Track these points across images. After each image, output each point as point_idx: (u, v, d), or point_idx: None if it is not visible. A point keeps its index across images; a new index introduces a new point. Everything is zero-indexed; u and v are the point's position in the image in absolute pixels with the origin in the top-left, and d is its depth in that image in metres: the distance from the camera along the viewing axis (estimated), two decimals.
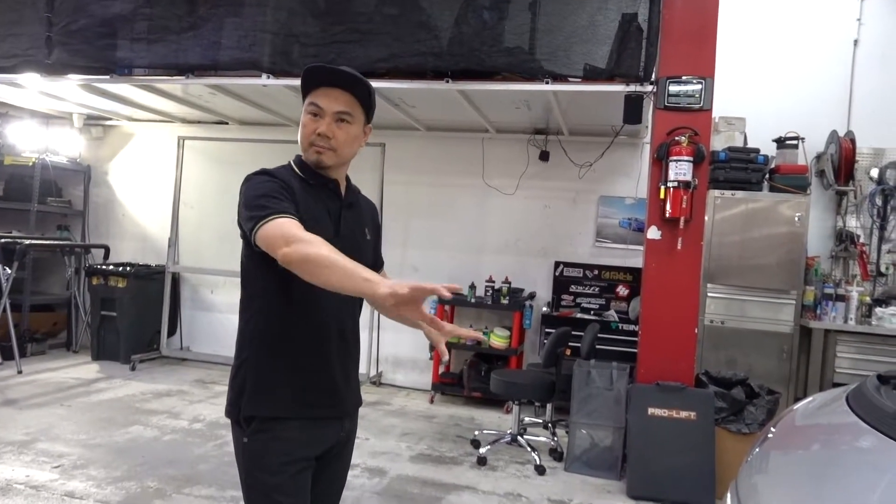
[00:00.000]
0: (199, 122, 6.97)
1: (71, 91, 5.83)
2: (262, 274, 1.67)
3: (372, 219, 1.98)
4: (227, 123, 6.92)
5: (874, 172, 5.41)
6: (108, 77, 5.22)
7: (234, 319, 1.80)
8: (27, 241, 6.32)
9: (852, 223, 5.53)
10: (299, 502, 1.72)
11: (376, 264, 1.97)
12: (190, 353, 6.96)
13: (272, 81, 4.83)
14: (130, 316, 6.53)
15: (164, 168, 7.06)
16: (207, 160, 6.95)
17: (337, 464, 1.85)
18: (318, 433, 1.75)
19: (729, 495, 1.80)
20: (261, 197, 1.60)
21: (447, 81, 4.52)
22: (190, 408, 5.18)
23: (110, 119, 7.20)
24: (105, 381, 5.84)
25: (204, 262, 6.76)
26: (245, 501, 1.74)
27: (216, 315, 6.94)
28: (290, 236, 1.48)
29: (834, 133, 5.42)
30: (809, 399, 2.16)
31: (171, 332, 6.94)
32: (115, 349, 6.56)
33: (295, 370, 1.70)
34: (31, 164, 6.73)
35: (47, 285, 7.31)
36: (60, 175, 7.19)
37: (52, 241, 7.10)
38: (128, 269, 6.62)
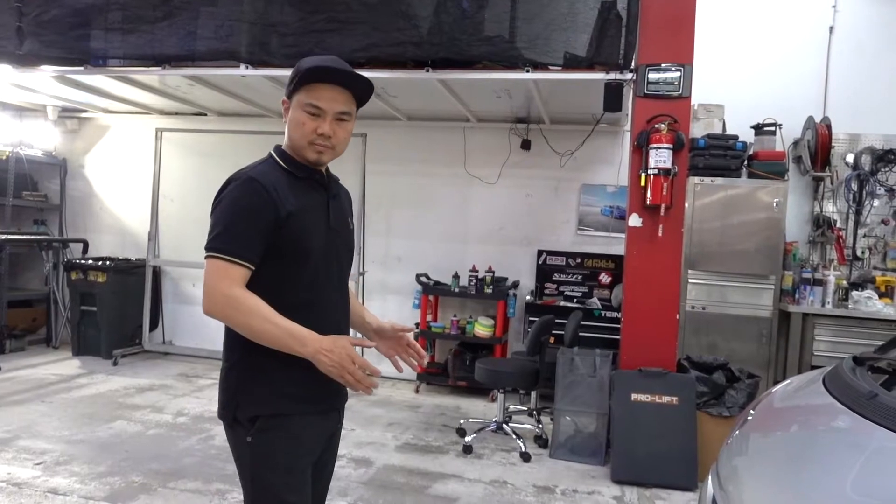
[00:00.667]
0: (177, 113, 6.88)
1: (44, 83, 5.71)
2: (256, 271, 1.64)
3: (351, 208, 1.99)
4: (205, 115, 6.83)
5: (850, 158, 5.49)
6: (82, 68, 5.12)
7: None
8: (3, 237, 6.22)
9: (829, 208, 5.61)
10: (306, 498, 1.71)
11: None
12: (173, 346, 6.90)
13: (251, 72, 4.76)
14: (111, 310, 6.45)
15: (142, 160, 6.95)
16: (187, 152, 6.86)
17: (326, 454, 1.85)
18: (320, 427, 1.75)
19: (710, 477, 1.83)
20: (232, 219, 1.62)
21: (427, 71, 4.51)
22: (174, 402, 5.14)
23: (86, 111, 7.08)
24: (86, 377, 5.78)
25: (185, 256, 6.68)
26: (249, 501, 1.71)
27: (199, 308, 6.82)
28: (231, 297, 1.61)
29: (810, 119, 5.48)
30: (787, 382, 2.20)
31: (154, 326, 6.87)
32: (96, 344, 6.48)
33: (295, 366, 1.62)
34: (4, 157, 6.60)
35: (25, 281, 7.20)
36: (35, 169, 7.07)
37: (28, 236, 6.98)
38: (107, 263, 6.52)
